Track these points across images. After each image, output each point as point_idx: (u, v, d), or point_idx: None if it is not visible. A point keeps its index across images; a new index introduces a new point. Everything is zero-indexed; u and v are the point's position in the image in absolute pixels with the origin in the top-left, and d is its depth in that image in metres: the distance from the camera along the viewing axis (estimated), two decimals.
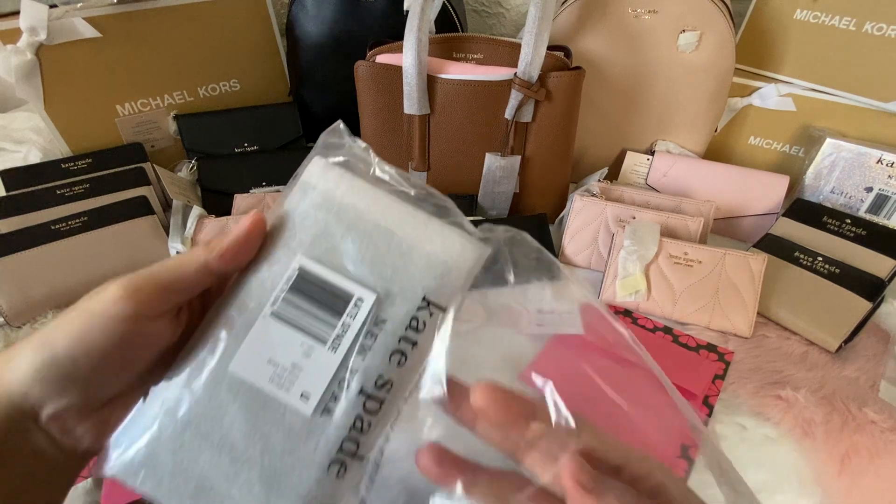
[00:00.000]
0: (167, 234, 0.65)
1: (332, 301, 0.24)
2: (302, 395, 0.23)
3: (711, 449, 0.26)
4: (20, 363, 0.22)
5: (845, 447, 0.47)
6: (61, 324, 0.23)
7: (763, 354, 0.57)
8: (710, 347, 0.57)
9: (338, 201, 0.25)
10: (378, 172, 0.26)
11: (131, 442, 0.23)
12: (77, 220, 0.62)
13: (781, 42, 0.73)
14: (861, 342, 0.57)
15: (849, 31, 0.68)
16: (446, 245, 0.24)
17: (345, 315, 0.24)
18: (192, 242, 0.63)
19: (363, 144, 0.26)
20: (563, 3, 0.70)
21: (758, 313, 0.59)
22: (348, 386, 0.23)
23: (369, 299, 0.24)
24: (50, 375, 0.22)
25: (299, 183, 0.25)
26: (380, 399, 0.23)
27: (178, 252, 0.64)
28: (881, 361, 0.56)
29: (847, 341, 0.56)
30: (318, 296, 0.24)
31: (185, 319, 0.25)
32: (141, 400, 0.24)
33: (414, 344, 0.23)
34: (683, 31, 0.67)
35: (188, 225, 0.64)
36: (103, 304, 0.22)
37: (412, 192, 0.25)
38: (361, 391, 0.23)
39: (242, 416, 0.23)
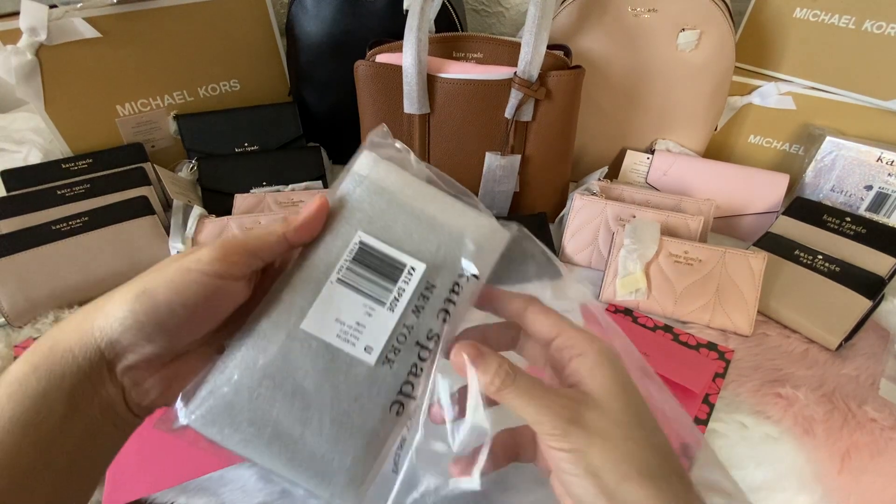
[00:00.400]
0: (168, 233, 0.65)
1: (388, 269, 0.28)
2: (366, 348, 0.27)
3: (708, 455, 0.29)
4: (114, 311, 0.24)
5: (845, 445, 0.47)
6: (158, 277, 0.25)
7: (763, 353, 0.57)
8: (711, 346, 0.57)
9: (389, 189, 0.29)
10: (416, 167, 0.30)
11: (209, 394, 0.25)
12: (77, 221, 0.62)
13: (781, 40, 0.73)
14: (861, 340, 0.57)
15: (848, 29, 0.68)
16: (480, 227, 0.29)
17: (399, 281, 0.28)
18: (193, 242, 0.63)
19: (402, 145, 0.31)
20: (563, 1, 0.70)
21: (758, 311, 0.59)
22: (406, 338, 0.27)
23: (420, 268, 0.28)
24: (148, 322, 0.24)
25: (352, 173, 0.30)
26: (429, 349, 0.28)
27: (178, 252, 0.64)
28: (881, 359, 0.56)
29: (847, 339, 0.56)
30: (376, 265, 0.28)
31: (253, 284, 0.28)
32: (218, 356, 0.27)
33: (454, 304, 0.28)
34: (683, 29, 0.67)
35: (189, 225, 0.64)
36: (199, 263, 0.25)
37: (443, 185, 0.30)
38: (417, 343, 0.27)
39: (314, 368, 0.26)
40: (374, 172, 0.29)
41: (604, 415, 0.25)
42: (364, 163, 0.30)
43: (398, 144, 0.30)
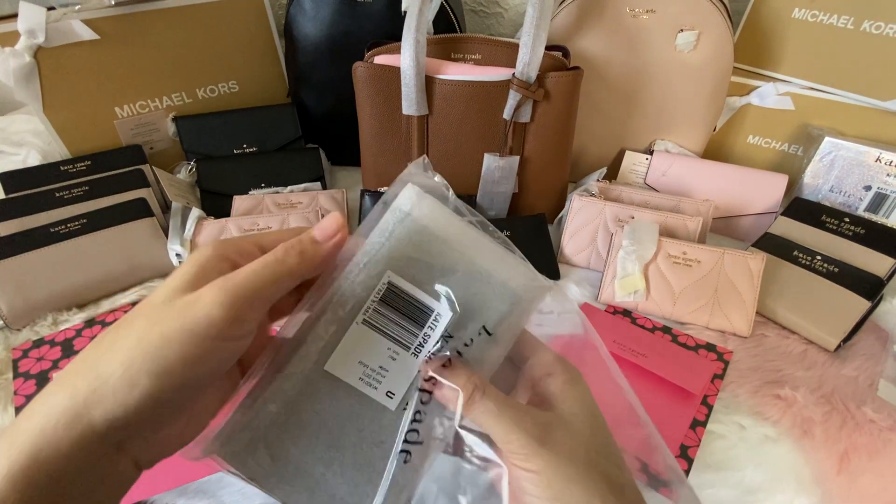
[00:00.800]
0: (166, 235, 0.65)
1: (416, 313, 0.27)
2: (388, 393, 0.26)
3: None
4: (124, 395, 0.21)
5: (844, 446, 0.47)
6: (165, 347, 0.21)
7: (762, 354, 0.57)
8: (710, 347, 0.57)
9: (429, 229, 0.28)
10: (453, 203, 0.29)
11: (234, 427, 0.25)
12: (76, 223, 0.62)
13: (780, 41, 0.73)
14: (860, 341, 0.58)
15: (847, 29, 0.68)
16: (518, 278, 0.28)
17: (426, 327, 0.27)
18: (192, 244, 0.63)
19: (441, 179, 0.30)
20: (561, 2, 0.70)
21: (757, 312, 0.59)
22: (413, 384, 0.27)
23: (446, 316, 0.27)
24: (160, 404, 0.21)
25: (393, 208, 0.28)
26: (429, 392, 0.27)
27: (177, 254, 0.64)
28: (880, 360, 0.56)
29: (846, 340, 0.56)
30: (404, 308, 0.27)
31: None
32: (243, 391, 0.26)
33: (460, 354, 0.27)
34: (681, 30, 0.67)
35: (187, 227, 0.64)
36: (211, 327, 0.22)
37: (476, 223, 0.29)
38: (420, 388, 0.27)
39: (337, 409, 0.26)
40: (417, 210, 0.28)
41: (572, 437, 0.24)
42: (407, 197, 0.28)
43: (437, 178, 0.29)
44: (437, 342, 0.27)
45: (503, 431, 0.24)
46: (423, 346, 0.27)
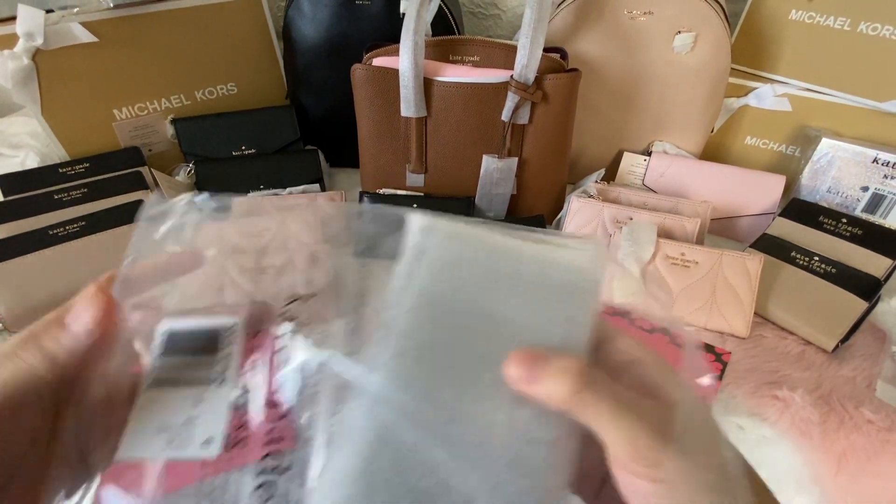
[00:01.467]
0: None
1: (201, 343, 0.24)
2: (203, 442, 0.23)
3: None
4: None
5: (842, 447, 0.48)
6: None
7: (760, 354, 0.57)
8: (708, 348, 0.57)
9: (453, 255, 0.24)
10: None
11: None
12: (75, 225, 0.62)
13: (777, 42, 0.73)
14: (857, 341, 0.58)
15: (844, 31, 0.68)
16: (574, 262, 0.24)
17: (219, 353, 0.24)
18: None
19: None
20: (559, 4, 0.70)
21: (755, 313, 0.59)
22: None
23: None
24: None
25: (408, 246, 0.24)
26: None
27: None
28: (878, 361, 0.56)
29: (843, 341, 0.56)
30: (186, 346, 0.24)
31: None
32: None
33: None
34: (679, 32, 0.67)
35: None
36: None
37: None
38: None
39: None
40: (431, 241, 0.24)
41: (696, 435, 0.20)
42: (416, 230, 0.24)
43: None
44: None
45: (621, 429, 0.19)
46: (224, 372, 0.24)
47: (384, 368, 0.21)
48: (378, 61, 0.64)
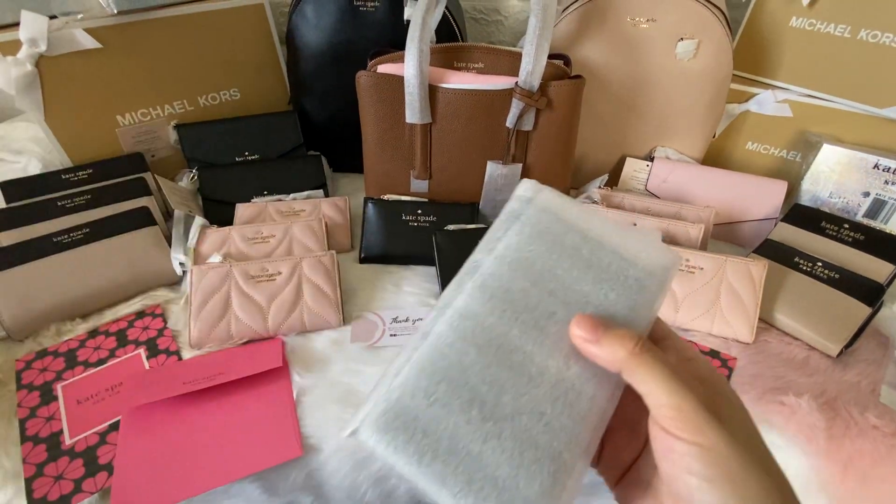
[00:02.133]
0: (169, 244, 0.65)
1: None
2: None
3: None
4: None
5: (848, 452, 0.48)
6: None
7: (765, 360, 0.57)
8: (713, 353, 0.58)
9: (552, 210, 0.28)
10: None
11: (382, 396, 0.22)
12: (79, 232, 0.61)
13: (778, 49, 0.74)
14: (861, 347, 0.58)
15: (844, 38, 0.69)
16: (647, 254, 0.27)
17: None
18: (195, 253, 0.63)
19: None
20: (562, 11, 0.70)
21: (759, 319, 0.60)
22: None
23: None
24: None
25: (516, 195, 0.29)
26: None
27: (180, 263, 0.64)
28: (881, 366, 0.56)
29: (848, 346, 0.57)
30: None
31: None
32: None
33: None
34: (681, 39, 0.67)
35: (191, 235, 0.64)
36: None
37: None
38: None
39: (493, 372, 0.24)
40: (539, 195, 0.28)
41: (740, 416, 0.22)
42: (526, 187, 0.29)
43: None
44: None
45: (671, 393, 0.21)
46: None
47: (467, 294, 0.25)
48: (383, 68, 0.64)
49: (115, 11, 0.65)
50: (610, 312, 0.25)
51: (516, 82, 0.61)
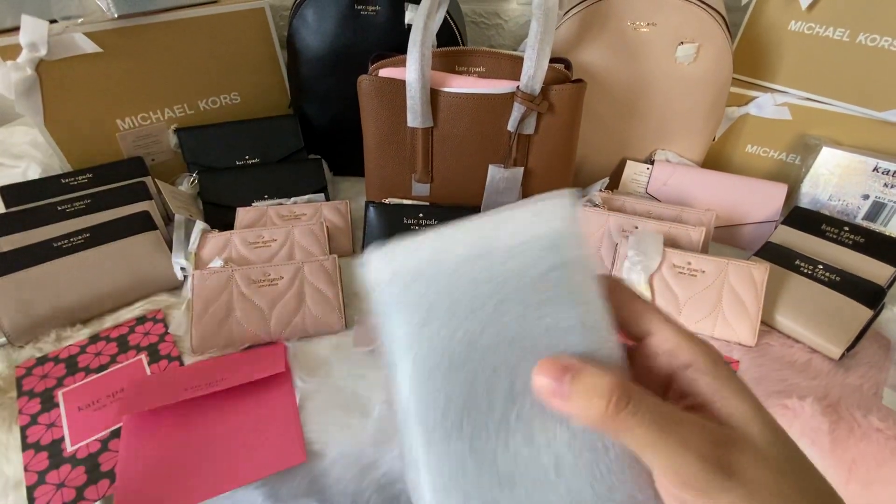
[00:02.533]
0: (170, 249, 0.65)
1: None
2: None
3: None
4: None
5: (852, 455, 0.48)
6: None
7: (767, 363, 0.57)
8: None
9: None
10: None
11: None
12: (79, 237, 0.61)
13: (777, 52, 0.74)
14: (863, 349, 0.58)
15: (843, 41, 0.69)
16: (540, 224, 0.22)
17: None
18: (196, 257, 0.63)
19: None
20: (563, 15, 0.71)
21: (761, 322, 0.60)
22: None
23: None
24: None
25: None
26: None
27: (182, 268, 0.63)
28: (883, 368, 0.56)
29: (849, 349, 0.57)
30: None
31: None
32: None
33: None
34: (682, 42, 0.68)
35: (192, 239, 0.64)
36: None
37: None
38: None
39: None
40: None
41: (765, 466, 0.18)
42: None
43: None
44: None
45: (671, 456, 0.17)
46: None
47: (423, 463, 0.20)
48: (384, 72, 0.64)
49: (116, 15, 0.65)
50: (561, 347, 0.20)
51: (518, 86, 0.61)
